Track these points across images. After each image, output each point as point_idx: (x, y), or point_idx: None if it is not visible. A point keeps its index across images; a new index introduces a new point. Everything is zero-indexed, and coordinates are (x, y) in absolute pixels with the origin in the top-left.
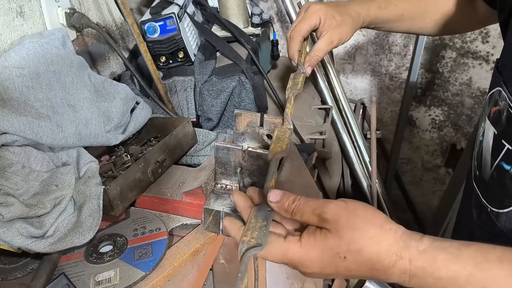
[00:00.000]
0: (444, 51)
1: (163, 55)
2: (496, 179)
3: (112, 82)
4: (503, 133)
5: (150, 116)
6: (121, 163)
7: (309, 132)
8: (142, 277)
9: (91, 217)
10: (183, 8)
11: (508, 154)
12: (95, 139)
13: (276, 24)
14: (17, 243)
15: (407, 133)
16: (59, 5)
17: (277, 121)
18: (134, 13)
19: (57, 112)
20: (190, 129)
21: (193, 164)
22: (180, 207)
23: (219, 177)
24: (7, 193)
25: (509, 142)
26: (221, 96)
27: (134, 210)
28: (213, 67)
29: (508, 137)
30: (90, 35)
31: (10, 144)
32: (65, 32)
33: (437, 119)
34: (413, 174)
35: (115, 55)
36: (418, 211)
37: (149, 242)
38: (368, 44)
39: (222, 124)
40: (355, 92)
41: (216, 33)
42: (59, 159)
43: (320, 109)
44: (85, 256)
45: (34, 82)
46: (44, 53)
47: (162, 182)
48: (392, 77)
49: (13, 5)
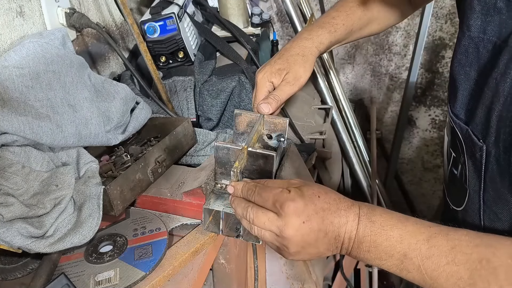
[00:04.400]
0: (444, 51)
1: (163, 55)
2: (451, 181)
3: (112, 82)
4: (450, 143)
5: (150, 116)
6: (121, 163)
7: (309, 132)
8: (142, 277)
9: (91, 217)
10: (183, 8)
11: (454, 160)
12: (95, 139)
13: (276, 24)
14: (17, 243)
15: (407, 133)
16: (59, 5)
17: (277, 121)
18: (134, 13)
19: (57, 112)
20: (190, 129)
21: (193, 164)
22: (180, 207)
23: (219, 177)
24: (7, 193)
25: (454, 151)
26: (221, 96)
27: (134, 210)
28: (213, 67)
29: (454, 146)
30: (90, 35)
31: (10, 144)
32: (65, 32)
33: (437, 119)
34: (413, 174)
35: (115, 55)
36: (418, 211)
37: (149, 242)
38: (368, 44)
39: (222, 124)
40: (355, 92)
41: (216, 33)
42: (59, 159)
43: (320, 109)
44: (85, 256)
45: (34, 82)
46: (44, 53)
47: (162, 182)
48: (392, 77)
49: (13, 5)
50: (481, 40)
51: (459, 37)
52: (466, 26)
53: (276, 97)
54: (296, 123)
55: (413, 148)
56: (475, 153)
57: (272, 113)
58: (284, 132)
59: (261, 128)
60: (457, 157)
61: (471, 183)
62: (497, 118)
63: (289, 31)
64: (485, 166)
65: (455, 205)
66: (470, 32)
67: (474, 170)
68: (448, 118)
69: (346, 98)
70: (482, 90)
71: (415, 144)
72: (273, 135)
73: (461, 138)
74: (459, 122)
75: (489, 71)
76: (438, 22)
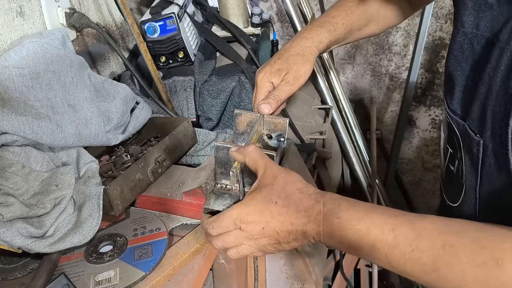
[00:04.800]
0: (444, 51)
1: (163, 55)
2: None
3: (112, 82)
4: (447, 139)
5: (150, 116)
6: (121, 163)
7: (309, 132)
8: (142, 277)
9: (91, 217)
10: (183, 8)
11: (451, 156)
12: (95, 139)
13: (276, 24)
14: (17, 243)
15: (407, 133)
16: (59, 5)
17: (277, 121)
18: (134, 13)
19: (57, 112)
20: (190, 129)
21: (193, 164)
22: (180, 207)
23: (219, 177)
24: (7, 193)
25: (451, 147)
26: (221, 96)
27: (134, 210)
28: (213, 67)
29: (451, 142)
30: (90, 35)
31: (10, 144)
32: (65, 32)
33: (437, 119)
34: (413, 174)
35: (115, 55)
36: (418, 211)
37: (149, 242)
38: (368, 44)
39: (222, 124)
40: (355, 92)
41: (216, 33)
42: (59, 159)
43: (320, 109)
44: (85, 256)
45: (34, 82)
46: (44, 53)
47: (162, 182)
48: (392, 77)
49: (13, 5)
50: (475, 36)
51: (454, 33)
52: (460, 22)
53: (276, 97)
54: (296, 123)
55: (413, 148)
56: (472, 148)
57: (273, 113)
58: (284, 132)
59: (261, 128)
60: (454, 153)
61: (467, 178)
62: (491, 113)
63: (289, 31)
64: (482, 161)
65: (451, 201)
66: (464, 28)
67: (471, 165)
68: (445, 114)
69: (346, 98)
70: (477, 85)
71: (415, 144)
72: (273, 135)
73: (458, 133)
74: (456, 118)
75: (483, 67)
76: (438, 22)
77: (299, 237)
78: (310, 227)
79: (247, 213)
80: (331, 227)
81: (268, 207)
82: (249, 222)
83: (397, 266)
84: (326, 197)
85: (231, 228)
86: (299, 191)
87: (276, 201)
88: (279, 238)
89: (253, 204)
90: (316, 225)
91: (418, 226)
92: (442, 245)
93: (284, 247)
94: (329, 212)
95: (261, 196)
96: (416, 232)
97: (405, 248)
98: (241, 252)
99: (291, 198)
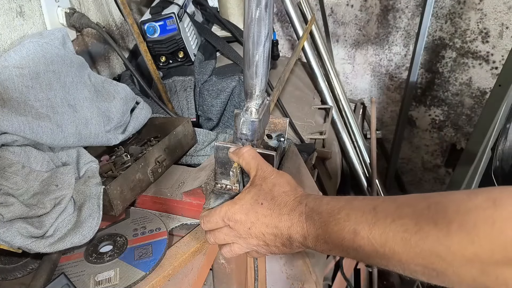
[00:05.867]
0: (444, 51)
1: (163, 55)
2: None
3: (112, 82)
4: None
5: (150, 116)
6: (121, 163)
7: (309, 132)
8: (142, 277)
9: (91, 217)
10: (183, 8)
11: None
12: (95, 139)
13: (276, 24)
14: (17, 243)
15: (407, 133)
16: (59, 5)
17: (277, 121)
18: (134, 13)
19: (57, 112)
20: (190, 129)
21: (193, 164)
22: (180, 207)
23: (219, 177)
24: (7, 193)
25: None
26: (221, 96)
27: (134, 210)
28: (213, 67)
29: None
30: (90, 35)
31: (10, 144)
32: (65, 32)
33: (437, 119)
34: (413, 174)
35: (115, 55)
36: None
37: (149, 242)
38: (368, 44)
39: (222, 124)
40: (355, 92)
41: (216, 33)
42: (59, 159)
43: (320, 109)
44: (85, 256)
45: (34, 82)
46: (44, 53)
47: (162, 182)
48: (392, 77)
49: (13, 5)
50: None
51: None
52: None
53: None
54: (296, 123)
55: (413, 148)
56: None
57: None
58: (284, 132)
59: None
60: None
61: None
62: None
63: (289, 31)
64: None
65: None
66: None
67: None
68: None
69: (346, 98)
70: None
71: (415, 144)
72: (273, 135)
73: None
74: None
75: None
76: (438, 22)
77: (286, 243)
78: (294, 231)
79: (234, 211)
80: (313, 227)
81: (254, 207)
82: (236, 221)
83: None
84: (309, 198)
85: (221, 225)
86: (285, 193)
87: (262, 202)
88: (266, 240)
89: (240, 204)
90: (300, 227)
91: (401, 199)
92: (427, 206)
93: (273, 250)
94: (311, 211)
95: (249, 196)
96: (397, 203)
97: (385, 221)
98: (233, 250)
99: (276, 200)
